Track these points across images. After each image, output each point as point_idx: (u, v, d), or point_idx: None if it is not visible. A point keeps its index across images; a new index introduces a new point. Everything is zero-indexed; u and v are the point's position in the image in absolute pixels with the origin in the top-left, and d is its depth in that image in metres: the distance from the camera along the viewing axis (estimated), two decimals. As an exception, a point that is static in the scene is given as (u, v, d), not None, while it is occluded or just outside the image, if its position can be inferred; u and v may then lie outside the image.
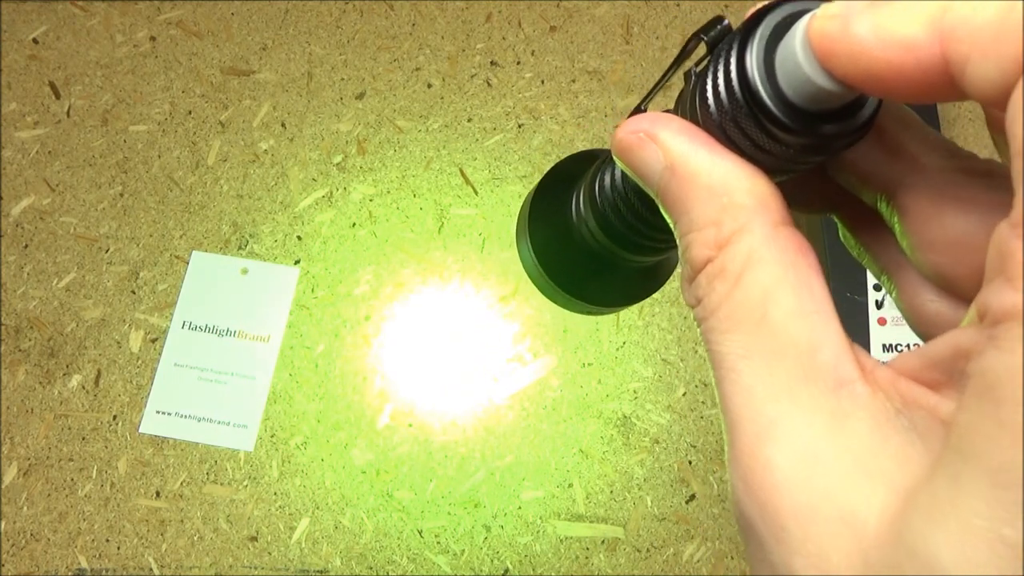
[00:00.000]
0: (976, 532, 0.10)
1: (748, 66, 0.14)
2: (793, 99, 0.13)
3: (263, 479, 0.56)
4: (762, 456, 0.13)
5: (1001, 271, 0.10)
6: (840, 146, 0.14)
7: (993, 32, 0.10)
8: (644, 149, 0.16)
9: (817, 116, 0.14)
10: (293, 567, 0.54)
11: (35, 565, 0.54)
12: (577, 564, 0.54)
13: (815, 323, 0.13)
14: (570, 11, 0.68)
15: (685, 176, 0.15)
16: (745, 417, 0.13)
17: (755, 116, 0.14)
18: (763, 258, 0.14)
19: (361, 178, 0.63)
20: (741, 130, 0.14)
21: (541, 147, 0.64)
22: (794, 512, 0.12)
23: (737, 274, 0.14)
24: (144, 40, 0.68)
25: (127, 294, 0.60)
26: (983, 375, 0.10)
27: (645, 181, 0.16)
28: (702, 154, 0.15)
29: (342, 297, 0.60)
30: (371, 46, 0.67)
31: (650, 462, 0.56)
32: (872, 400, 0.12)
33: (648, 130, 0.15)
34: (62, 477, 0.56)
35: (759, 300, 0.13)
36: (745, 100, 0.14)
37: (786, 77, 0.13)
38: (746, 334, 0.13)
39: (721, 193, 0.14)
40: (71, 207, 0.63)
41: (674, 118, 0.16)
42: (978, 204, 0.14)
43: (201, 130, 0.65)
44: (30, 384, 0.58)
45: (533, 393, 0.57)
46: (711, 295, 0.14)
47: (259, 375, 0.58)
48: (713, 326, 0.14)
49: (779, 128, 0.14)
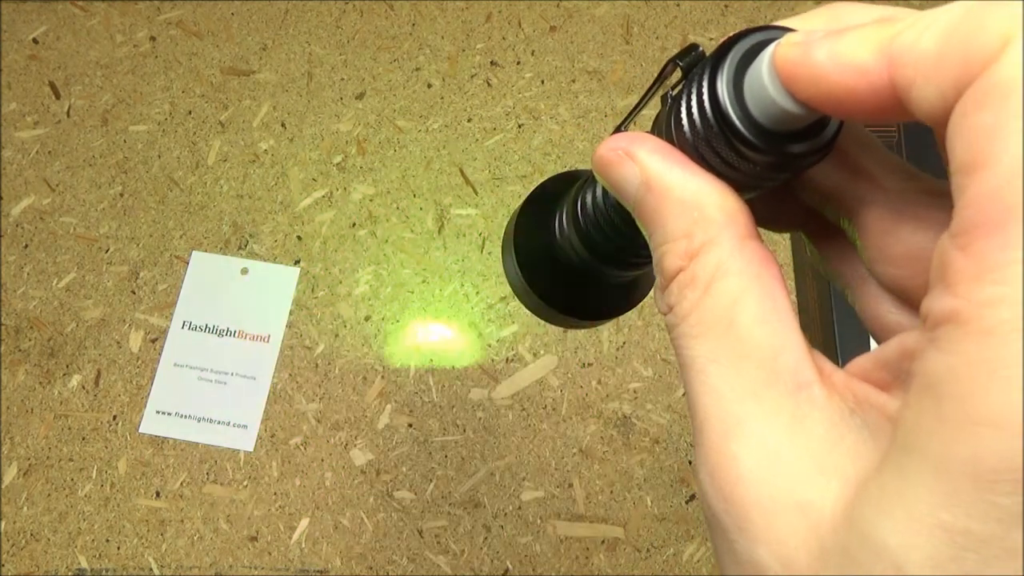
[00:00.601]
0: (919, 518, 0.11)
1: (719, 90, 0.15)
2: (760, 120, 0.14)
3: (263, 479, 0.56)
4: (728, 452, 0.14)
5: (941, 278, 0.11)
6: (805, 164, 0.15)
7: (933, 58, 0.11)
8: (622, 166, 0.17)
9: (783, 136, 0.15)
10: (293, 567, 0.54)
11: (35, 565, 0.54)
12: (577, 564, 0.54)
13: (778, 330, 0.14)
14: (570, 11, 0.68)
15: (660, 191, 0.16)
16: (713, 416, 0.14)
17: (725, 136, 0.15)
18: (730, 269, 0.15)
19: (361, 178, 0.63)
20: (713, 149, 0.15)
21: (541, 147, 0.64)
22: (757, 504, 0.13)
23: (706, 283, 0.15)
24: (144, 40, 0.68)
25: (127, 294, 0.60)
26: (925, 374, 0.11)
27: (622, 196, 0.17)
28: (676, 171, 0.16)
29: (342, 297, 0.60)
30: (371, 46, 0.67)
31: (650, 462, 0.56)
32: (828, 401, 0.13)
33: (626, 148, 0.17)
34: (62, 477, 0.56)
35: (727, 307, 0.14)
36: (716, 121, 0.15)
37: (754, 100, 0.14)
38: (714, 339, 0.14)
39: (693, 207, 0.15)
40: (71, 207, 0.63)
41: (651, 137, 0.17)
42: (932, 221, 0.15)
43: (201, 130, 0.65)
44: (30, 384, 0.58)
45: (533, 393, 0.57)
46: (682, 302, 0.15)
47: (259, 375, 0.58)
48: (684, 331, 0.15)
49: (748, 147, 0.15)
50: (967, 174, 0.11)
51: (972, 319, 0.10)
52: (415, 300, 0.60)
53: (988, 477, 0.10)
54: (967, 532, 0.10)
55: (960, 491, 0.10)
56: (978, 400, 0.10)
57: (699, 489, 0.15)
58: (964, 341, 0.11)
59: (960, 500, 0.10)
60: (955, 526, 0.10)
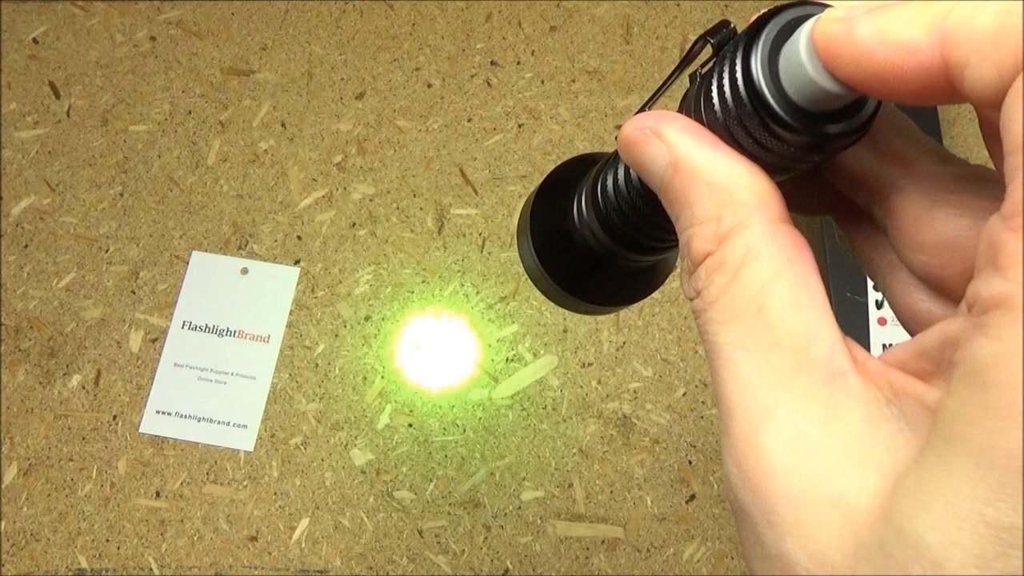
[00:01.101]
0: (959, 513, 0.10)
1: (753, 67, 0.14)
2: (796, 99, 0.14)
3: (263, 479, 0.56)
4: (756, 443, 0.13)
5: (991, 262, 0.11)
6: (839, 145, 0.15)
7: (992, 35, 0.11)
8: (649, 145, 0.16)
9: (818, 116, 0.14)
10: (293, 567, 0.54)
11: (35, 565, 0.54)
12: (577, 564, 0.54)
13: (810, 316, 0.14)
14: (570, 11, 0.68)
15: (688, 172, 0.15)
16: (741, 405, 0.14)
17: (759, 115, 0.14)
18: (761, 253, 0.14)
19: (361, 178, 0.63)
20: (745, 129, 0.15)
21: (541, 147, 0.64)
22: (786, 496, 0.13)
23: (736, 267, 0.14)
24: (144, 40, 0.68)
25: (127, 294, 0.60)
26: (970, 362, 0.11)
27: (648, 177, 0.16)
28: (705, 151, 0.15)
29: (342, 297, 0.60)
30: (371, 46, 0.67)
31: (650, 462, 0.56)
32: (863, 390, 0.13)
33: (654, 127, 0.16)
34: (62, 477, 0.56)
35: (756, 293, 0.14)
36: (750, 99, 0.14)
37: (789, 78, 0.14)
38: (743, 325, 0.14)
39: (722, 189, 0.15)
40: (71, 207, 0.63)
41: (679, 116, 0.16)
42: (968, 207, 0.15)
43: (201, 130, 0.65)
44: (30, 384, 0.58)
45: (533, 393, 0.57)
46: (710, 287, 0.15)
47: (259, 375, 0.58)
48: (712, 317, 0.14)
49: (782, 127, 0.14)
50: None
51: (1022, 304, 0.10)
52: (415, 300, 0.60)
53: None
54: (1013, 528, 0.09)
55: (1006, 485, 0.10)
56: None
57: (726, 480, 0.14)
58: (1013, 327, 0.10)
59: (1006, 494, 0.10)
60: (1000, 522, 0.10)
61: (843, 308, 0.52)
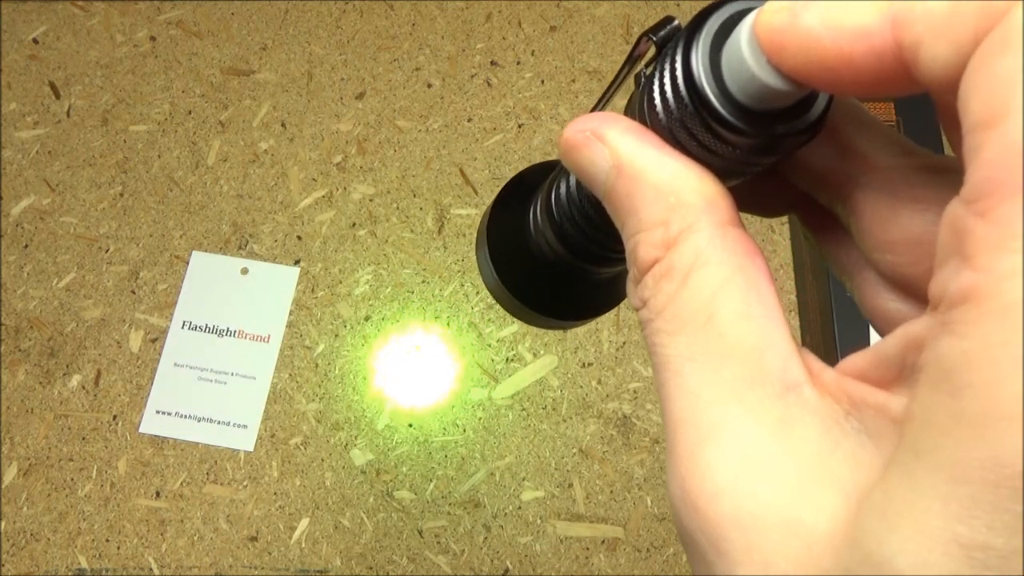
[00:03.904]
0: (930, 532, 0.09)
1: (694, 65, 0.13)
2: (740, 98, 0.13)
3: (263, 479, 0.56)
4: (702, 461, 0.12)
5: (956, 251, 0.10)
6: (790, 146, 0.14)
7: (946, 11, 0.10)
8: (590, 148, 0.15)
9: (765, 116, 0.13)
10: (293, 567, 0.54)
11: (35, 565, 0.54)
12: (577, 564, 0.54)
13: (762, 326, 0.13)
14: (570, 11, 0.68)
15: (632, 175, 0.14)
16: (687, 420, 0.13)
17: (701, 116, 0.13)
18: (711, 259, 0.13)
19: (361, 178, 0.63)
20: (689, 132, 0.14)
21: (541, 147, 0.64)
22: (735, 520, 0.12)
23: (684, 274, 0.13)
24: (144, 40, 0.68)
25: (127, 294, 0.60)
26: (937, 364, 0.10)
27: (591, 182, 0.15)
28: (650, 153, 0.14)
29: (342, 297, 0.60)
30: (371, 46, 0.67)
31: (650, 462, 0.56)
32: (820, 403, 0.12)
33: (595, 129, 0.15)
34: (62, 477, 0.56)
35: (706, 301, 0.13)
36: (691, 100, 0.13)
37: (732, 76, 0.13)
38: (692, 336, 0.13)
39: (668, 192, 0.14)
40: (71, 207, 0.63)
41: (621, 117, 0.15)
42: (934, 201, 0.14)
43: (201, 130, 0.65)
44: (30, 384, 0.58)
45: (533, 393, 0.57)
46: (657, 296, 0.14)
47: (259, 375, 0.58)
48: (659, 327, 0.14)
49: (726, 128, 0.13)
50: (985, 129, 0.09)
51: (993, 295, 0.09)
52: (415, 300, 0.60)
53: (1011, 483, 0.08)
54: (987, 547, 0.09)
55: (979, 500, 0.09)
56: (1000, 391, 0.09)
57: (671, 505, 0.13)
58: (983, 322, 0.09)
59: (979, 510, 0.09)
60: (973, 541, 0.09)
61: (843, 308, 0.52)
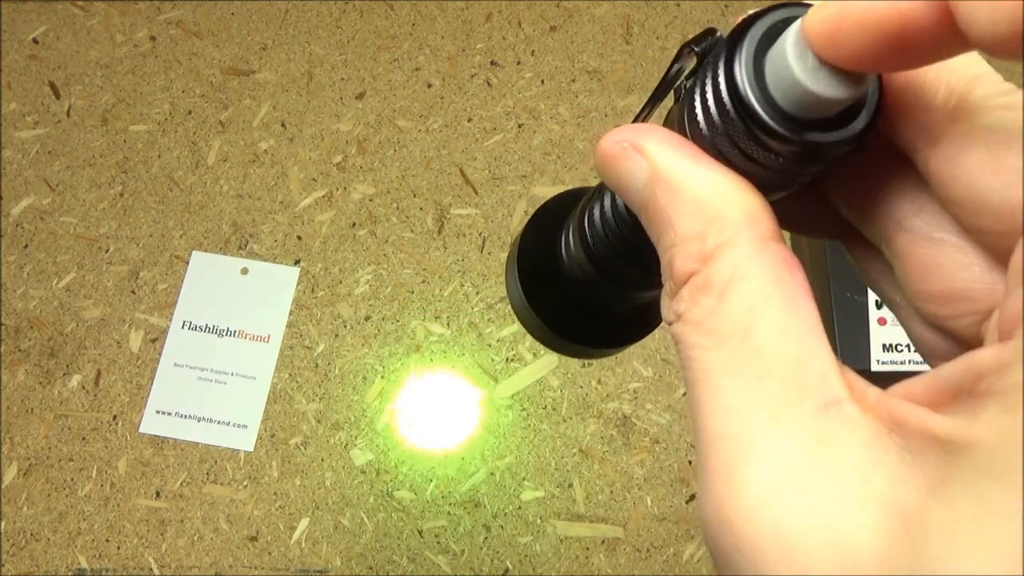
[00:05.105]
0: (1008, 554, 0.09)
1: (737, 74, 0.13)
2: (784, 106, 0.13)
3: (263, 479, 0.56)
4: (738, 478, 0.12)
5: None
6: (833, 156, 0.14)
7: None
8: (628, 159, 0.15)
9: (809, 124, 0.13)
10: (293, 567, 0.54)
11: (35, 565, 0.54)
12: (577, 564, 0.54)
13: (801, 342, 0.12)
14: (570, 11, 0.68)
15: (669, 187, 0.14)
16: (723, 436, 0.12)
17: (745, 124, 0.13)
18: (749, 273, 0.13)
19: (361, 178, 0.63)
20: (731, 141, 0.14)
21: (541, 147, 0.64)
22: (776, 538, 0.11)
23: (722, 288, 0.13)
24: (144, 40, 0.68)
25: (127, 294, 0.60)
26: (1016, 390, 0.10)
27: (627, 194, 0.15)
28: (688, 164, 0.14)
29: (342, 297, 0.60)
30: (371, 46, 0.67)
31: (650, 462, 0.56)
32: (861, 419, 0.12)
33: (632, 140, 0.15)
34: (62, 477, 0.56)
35: (743, 315, 0.13)
36: (735, 108, 0.13)
37: (776, 83, 0.13)
38: (729, 351, 0.13)
39: (707, 205, 0.14)
40: (71, 207, 0.63)
41: (660, 128, 0.15)
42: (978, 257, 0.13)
43: (201, 130, 0.65)
44: (30, 384, 0.58)
45: (533, 393, 0.57)
46: (694, 309, 0.14)
47: (259, 375, 0.58)
48: (695, 342, 0.13)
49: (769, 135, 0.13)
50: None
51: None
52: (415, 300, 0.60)
53: None
54: None
55: None
56: None
57: (704, 523, 0.13)
58: None
59: None
60: None
61: (843, 308, 0.52)
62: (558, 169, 0.63)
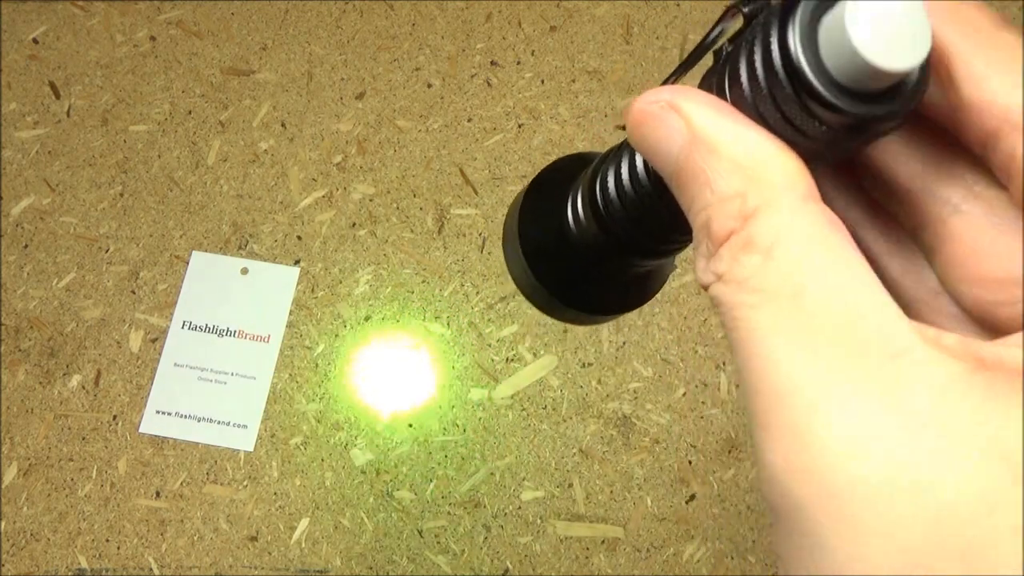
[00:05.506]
0: None
1: (791, 39, 0.13)
2: (835, 75, 0.13)
3: (263, 479, 0.56)
4: (811, 434, 0.12)
5: None
6: (879, 130, 0.14)
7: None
8: (664, 120, 0.14)
9: (858, 96, 0.13)
10: (293, 567, 0.54)
11: (35, 565, 0.54)
12: (577, 564, 0.54)
13: (858, 296, 0.12)
14: (570, 11, 0.68)
15: (709, 146, 0.14)
16: (785, 394, 0.12)
17: (795, 90, 0.13)
18: (795, 231, 0.13)
19: (361, 178, 0.63)
20: (777, 107, 0.14)
21: (541, 147, 0.64)
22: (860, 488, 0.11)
23: (767, 247, 0.13)
24: (144, 40, 0.68)
25: (127, 294, 0.60)
26: None
27: (661, 156, 0.15)
28: (728, 125, 0.14)
29: (342, 297, 0.60)
30: (371, 46, 0.67)
31: (650, 462, 0.56)
32: (939, 362, 0.12)
33: (670, 100, 0.14)
34: (62, 477, 0.56)
35: (793, 273, 0.13)
36: (786, 73, 0.13)
37: (830, 52, 0.13)
38: (778, 308, 0.13)
39: (747, 165, 0.13)
40: (71, 207, 0.63)
41: (696, 90, 0.15)
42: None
43: (201, 130, 0.65)
44: (30, 384, 0.58)
45: (533, 393, 0.57)
46: (737, 268, 0.13)
47: (259, 375, 0.58)
48: (741, 300, 0.13)
49: (820, 104, 0.13)
50: None
51: None
52: (415, 300, 0.60)
53: None
54: None
55: None
56: None
57: (769, 480, 0.12)
58: None
59: None
60: None
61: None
62: (558, 169, 0.63)
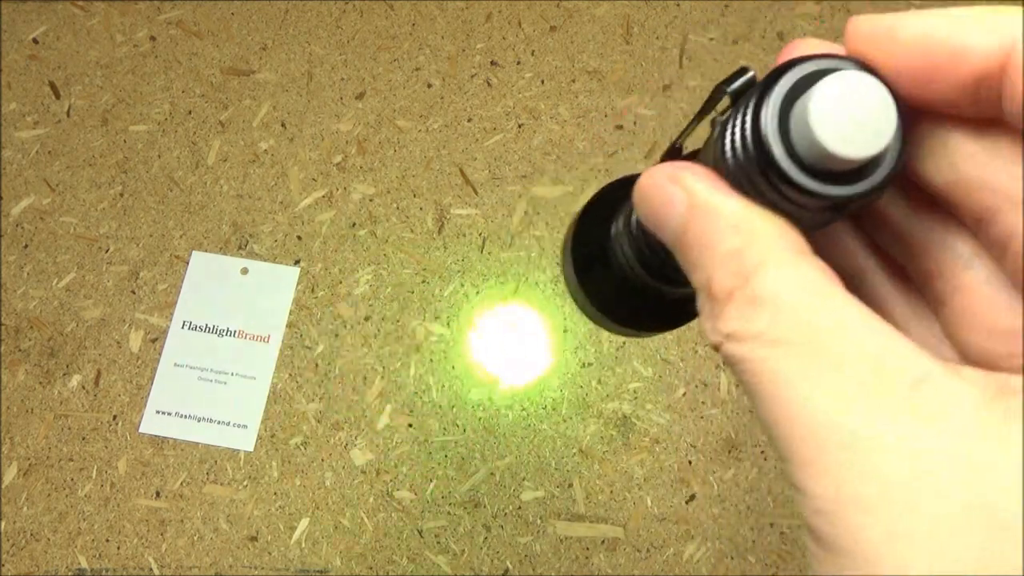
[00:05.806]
0: None
1: (762, 123, 0.14)
2: (806, 159, 0.13)
3: (263, 479, 0.56)
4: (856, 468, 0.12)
5: None
6: (854, 207, 0.14)
7: None
8: (667, 191, 0.16)
9: (830, 176, 0.14)
10: (293, 567, 0.54)
11: (35, 565, 0.54)
12: (577, 564, 0.54)
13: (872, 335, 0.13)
14: (570, 11, 0.68)
15: (707, 213, 0.15)
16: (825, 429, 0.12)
17: (767, 175, 0.14)
18: (796, 283, 0.13)
19: (361, 178, 0.63)
20: (753, 185, 0.14)
21: (541, 147, 0.64)
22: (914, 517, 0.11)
23: (773, 300, 0.13)
24: (144, 40, 0.68)
25: (127, 294, 0.60)
26: None
27: (664, 226, 0.16)
28: (722, 195, 0.15)
29: (342, 297, 0.60)
30: (371, 46, 0.67)
31: (650, 462, 0.56)
32: (960, 387, 0.12)
33: (671, 174, 0.16)
34: (62, 477, 0.56)
35: (805, 320, 0.13)
36: (758, 157, 0.14)
37: (799, 137, 0.13)
38: (801, 355, 0.13)
39: (743, 227, 0.14)
40: (71, 207, 0.63)
41: (694, 165, 0.16)
42: None
43: (201, 130, 0.65)
44: (30, 384, 0.58)
45: (533, 393, 0.57)
46: (747, 325, 0.14)
47: (259, 375, 0.58)
48: (761, 355, 0.13)
49: (790, 187, 0.14)
50: None
51: None
52: (415, 300, 0.60)
53: None
54: None
55: None
56: None
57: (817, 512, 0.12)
58: None
59: None
60: None
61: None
62: (558, 169, 0.63)
